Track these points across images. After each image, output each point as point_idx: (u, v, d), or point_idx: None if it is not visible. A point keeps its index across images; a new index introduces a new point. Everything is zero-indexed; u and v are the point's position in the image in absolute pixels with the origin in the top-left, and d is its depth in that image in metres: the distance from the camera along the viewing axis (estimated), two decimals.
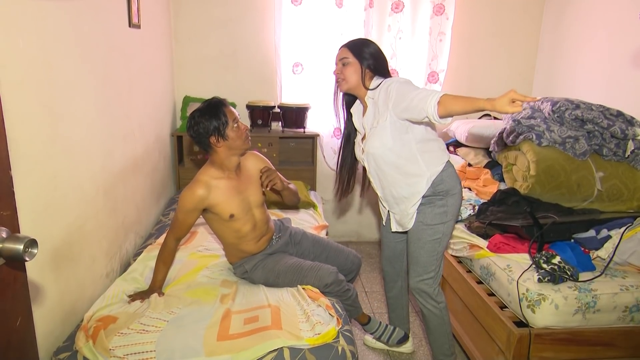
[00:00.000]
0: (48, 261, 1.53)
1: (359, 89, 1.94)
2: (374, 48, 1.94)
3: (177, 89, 3.48)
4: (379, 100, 1.87)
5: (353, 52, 1.92)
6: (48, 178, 1.52)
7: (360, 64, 1.91)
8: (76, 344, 1.54)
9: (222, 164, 1.92)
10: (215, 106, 1.86)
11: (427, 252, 1.93)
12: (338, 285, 1.94)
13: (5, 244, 0.79)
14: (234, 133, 1.86)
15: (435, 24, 3.39)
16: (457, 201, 1.93)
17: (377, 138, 1.88)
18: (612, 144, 2.44)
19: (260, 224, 2.03)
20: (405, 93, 1.74)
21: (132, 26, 2.36)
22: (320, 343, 1.57)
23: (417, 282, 1.98)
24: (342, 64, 1.94)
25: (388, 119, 1.83)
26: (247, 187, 2.00)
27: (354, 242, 3.89)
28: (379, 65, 1.93)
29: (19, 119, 1.34)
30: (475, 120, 3.33)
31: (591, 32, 3.05)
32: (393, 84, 1.81)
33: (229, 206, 1.90)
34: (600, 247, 2.06)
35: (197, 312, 1.72)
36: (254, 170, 2.05)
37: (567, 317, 1.83)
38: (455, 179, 1.94)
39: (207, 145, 1.88)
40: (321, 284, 1.92)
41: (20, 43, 1.35)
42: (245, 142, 1.91)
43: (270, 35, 3.43)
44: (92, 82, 1.87)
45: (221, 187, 1.90)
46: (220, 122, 1.83)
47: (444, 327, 2.03)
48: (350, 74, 1.92)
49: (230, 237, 2.00)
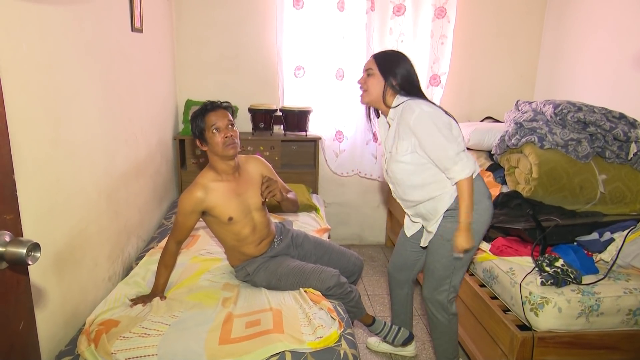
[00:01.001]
0: (50, 265, 1.53)
1: (379, 103, 1.89)
2: (404, 67, 1.84)
3: (180, 93, 3.49)
4: (400, 123, 1.81)
5: (379, 66, 1.84)
6: (51, 182, 1.52)
7: (384, 80, 1.84)
8: (78, 348, 1.54)
9: (216, 167, 1.94)
10: (201, 110, 1.88)
11: (443, 266, 1.89)
12: (340, 287, 1.94)
13: (8, 248, 0.80)
14: (211, 140, 1.86)
15: (436, 27, 3.39)
16: (481, 217, 1.83)
17: (397, 163, 1.85)
18: (615, 146, 2.43)
19: (261, 227, 2.03)
20: (432, 146, 1.75)
21: (135, 30, 2.37)
22: (322, 347, 1.56)
23: (431, 293, 1.96)
24: (367, 74, 1.88)
25: (410, 149, 1.80)
26: (247, 189, 1.99)
27: (356, 245, 3.89)
28: (405, 85, 1.84)
29: (22, 122, 1.35)
30: (477, 123, 3.33)
31: (593, 34, 3.05)
32: (413, 120, 1.74)
33: (227, 208, 1.91)
34: (603, 250, 2.05)
35: (199, 316, 1.72)
36: (255, 174, 2.05)
37: (570, 320, 1.82)
38: (481, 194, 1.84)
39: (199, 146, 1.94)
40: (323, 286, 1.92)
41: (23, 47, 1.35)
42: (224, 149, 1.86)
43: (272, 39, 3.44)
44: (95, 86, 1.88)
45: (219, 189, 1.91)
46: (198, 127, 1.87)
47: (450, 335, 2.02)
48: (373, 86, 1.86)
49: (231, 240, 2.00)
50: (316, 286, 1.92)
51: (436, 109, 1.79)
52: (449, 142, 1.72)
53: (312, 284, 1.93)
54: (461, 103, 3.69)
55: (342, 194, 3.81)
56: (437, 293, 1.94)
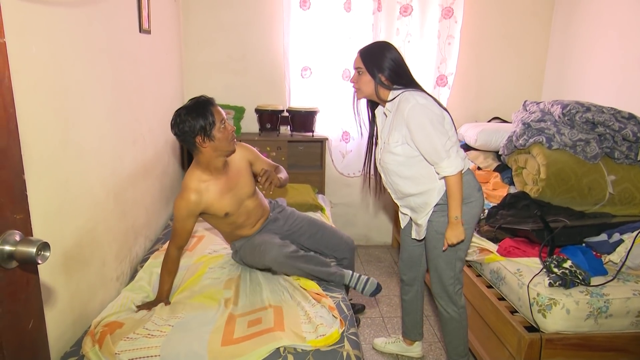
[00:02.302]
0: (59, 264, 1.54)
1: (374, 97, 1.90)
2: (390, 58, 1.81)
3: (187, 94, 3.51)
4: (396, 114, 1.81)
5: (365, 64, 1.83)
6: (60, 182, 1.53)
7: (371, 76, 1.83)
8: (83, 349, 1.55)
9: (207, 164, 1.89)
10: (203, 105, 1.80)
11: (444, 260, 1.94)
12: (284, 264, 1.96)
13: (18, 247, 0.80)
14: (221, 134, 1.81)
15: (443, 27, 3.38)
16: (472, 209, 1.88)
17: (389, 154, 1.87)
18: (624, 147, 2.41)
19: (255, 211, 2.09)
20: (422, 138, 1.75)
21: (143, 32, 2.38)
22: (323, 345, 1.56)
23: (439, 288, 2.00)
24: (357, 73, 1.87)
25: (400, 140, 1.81)
26: (237, 182, 1.99)
27: (362, 246, 3.88)
28: (395, 76, 1.82)
29: (32, 123, 1.36)
30: (484, 124, 3.31)
31: (602, 34, 3.02)
32: (407, 112, 1.74)
33: (222, 206, 1.95)
34: (612, 251, 2.03)
35: (201, 317, 1.72)
36: (242, 162, 2.03)
37: (578, 322, 1.81)
38: (471, 187, 1.88)
39: (192, 144, 1.83)
40: (275, 264, 1.95)
41: (33, 49, 1.37)
42: (230, 143, 1.87)
43: (279, 40, 3.44)
44: (104, 87, 1.89)
45: (211, 189, 1.91)
46: (207, 121, 1.77)
47: (461, 331, 2.04)
48: (365, 84, 1.85)
49: (226, 228, 2.09)
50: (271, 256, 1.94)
51: (430, 101, 1.79)
52: (439, 137, 1.73)
53: (264, 260, 1.96)
54: (468, 103, 3.67)
55: (348, 195, 3.81)
56: (444, 287, 1.98)
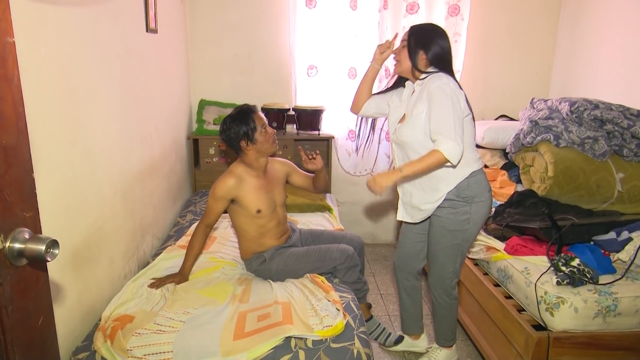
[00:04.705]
0: (68, 262, 1.56)
1: (409, 75, 1.95)
2: (438, 43, 1.86)
3: (193, 93, 3.52)
4: (424, 88, 1.85)
5: (412, 38, 1.89)
6: (68, 180, 1.55)
7: (415, 53, 1.87)
8: (94, 344, 1.57)
9: (251, 164, 2.08)
10: (245, 113, 2.03)
11: (445, 255, 1.98)
12: (354, 258, 2.09)
13: (28, 245, 0.81)
14: (262, 137, 2.02)
15: (450, 25, 3.37)
16: (481, 209, 1.91)
17: (409, 127, 1.89)
18: (633, 144, 2.39)
19: (283, 222, 2.19)
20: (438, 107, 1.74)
21: (150, 31, 2.39)
22: (330, 335, 1.63)
23: (436, 280, 2.07)
24: (401, 45, 1.94)
25: (424, 114, 1.83)
26: (274, 187, 2.15)
27: (368, 245, 3.88)
28: (435, 61, 1.87)
29: (41, 122, 1.37)
30: (491, 122, 3.30)
31: (610, 31, 2.99)
32: (435, 86, 1.77)
33: (256, 201, 2.03)
34: (620, 250, 2.01)
35: (212, 312, 1.75)
36: (281, 173, 2.24)
37: (586, 320, 1.80)
38: (482, 187, 1.90)
39: (238, 148, 2.04)
40: (344, 255, 2.06)
41: (41, 49, 1.38)
42: (272, 145, 2.06)
43: (284, 38, 3.45)
44: (111, 86, 1.91)
45: (251, 182, 2.05)
46: (249, 127, 1.99)
47: (450, 318, 2.14)
48: (405, 58, 1.91)
49: (254, 231, 2.10)
50: (338, 257, 2.06)
51: (461, 93, 1.81)
52: (456, 119, 1.72)
53: (334, 256, 2.06)
54: (475, 101, 3.63)
55: (354, 193, 3.80)
56: (442, 280, 2.04)
